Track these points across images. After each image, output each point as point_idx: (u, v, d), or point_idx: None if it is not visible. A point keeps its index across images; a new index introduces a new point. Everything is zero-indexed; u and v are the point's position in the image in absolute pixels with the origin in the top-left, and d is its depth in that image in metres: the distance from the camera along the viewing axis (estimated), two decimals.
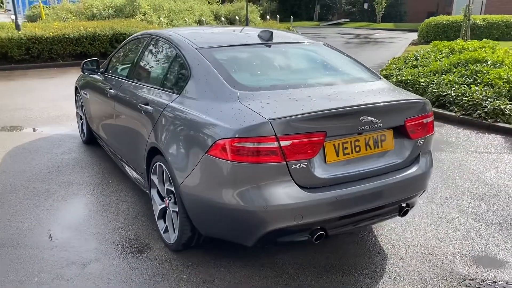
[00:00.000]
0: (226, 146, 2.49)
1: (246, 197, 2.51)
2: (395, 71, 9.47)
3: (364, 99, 2.80)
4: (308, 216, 2.58)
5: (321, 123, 2.54)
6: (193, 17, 19.37)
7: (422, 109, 2.98)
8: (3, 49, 12.17)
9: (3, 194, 4.12)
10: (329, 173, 2.63)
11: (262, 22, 24.93)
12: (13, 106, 7.68)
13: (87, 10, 15.90)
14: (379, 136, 2.82)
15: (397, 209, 2.97)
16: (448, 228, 3.59)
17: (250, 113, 2.53)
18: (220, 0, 26.03)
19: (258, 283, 2.85)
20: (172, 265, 3.04)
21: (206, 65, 3.01)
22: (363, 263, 3.09)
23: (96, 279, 2.87)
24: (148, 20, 15.97)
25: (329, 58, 3.59)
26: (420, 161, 3.03)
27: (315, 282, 2.87)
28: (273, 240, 2.71)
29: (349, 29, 33.05)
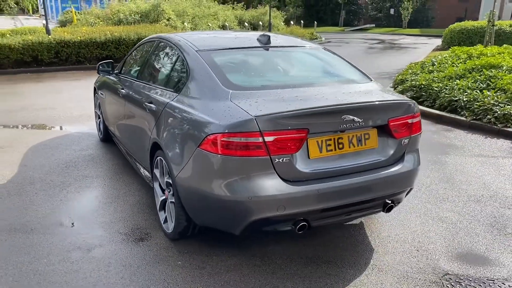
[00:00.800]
0: (215, 140, 2.70)
1: (233, 188, 2.71)
2: (410, 76, 9.51)
3: (348, 99, 2.96)
4: (290, 207, 2.76)
5: (304, 121, 2.72)
6: (216, 22, 19.74)
7: (406, 109, 3.12)
8: (34, 52, 12.76)
9: (23, 185, 4.45)
10: (311, 168, 2.81)
11: (286, 27, 25.13)
12: (39, 106, 8.11)
13: (114, 16, 16.48)
14: (363, 134, 2.98)
15: (381, 205, 3.12)
16: (439, 227, 3.69)
17: (238, 111, 2.74)
18: (244, 6, 26.36)
19: (246, 271, 3.04)
20: (169, 252, 3.26)
21: (203, 66, 3.24)
22: (349, 256, 3.24)
23: (98, 262, 3.12)
24: (172, 25, 16.41)
25: (324, 61, 3.76)
26: (405, 159, 3.16)
27: (300, 272, 3.04)
28: (258, 229, 2.90)
29: (374, 34, 32.91)
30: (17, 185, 4.44)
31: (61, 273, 2.99)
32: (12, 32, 14.18)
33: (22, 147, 5.65)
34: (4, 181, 4.55)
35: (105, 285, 2.87)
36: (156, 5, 16.89)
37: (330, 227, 3.62)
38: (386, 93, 3.30)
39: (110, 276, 2.96)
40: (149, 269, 3.05)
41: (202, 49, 3.47)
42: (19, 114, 7.54)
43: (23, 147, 5.65)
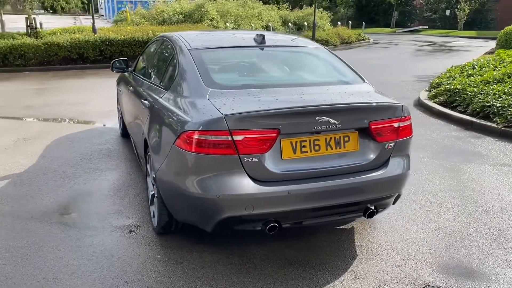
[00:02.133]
0: (187, 138, 2.74)
1: (203, 186, 2.74)
2: (447, 79, 9.13)
3: (326, 100, 2.90)
4: (259, 207, 2.74)
5: (275, 121, 2.70)
6: (260, 23, 19.83)
7: (392, 113, 3.01)
8: (80, 50, 13.41)
9: (36, 175, 4.70)
10: (283, 169, 2.78)
11: (332, 28, 24.82)
12: (72, 101, 8.52)
13: (159, 16, 16.98)
14: (342, 137, 2.90)
15: (361, 210, 3.03)
16: (434, 236, 3.53)
17: (212, 109, 2.76)
18: (290, 6, 26.30)
19: (221, 268, 3.06)
20: (151, 246, 3.33)
21: (191, 64, 3.29)
22: (329, 260, 3.17)
23: (83, 251, 3.24)
24: (214, 25, 16.66)
25: (319, 62, 3.70)
26: (390, 164, 3.05)
27: (274, 273, 3.01)
28: (230, 228, 2.91)
29: (426, 36, 31.79)
30: (31, 175, 4.70)
31: (46, 259, 3.13)
32: (63, 30, 14.98)
33: (47, 140, 5.96)
34: (21, 170, 4.83)
35: (83, 273, 2.98)
36: (200, 5, 17.23)
37: (318, 230, 3.56)
38: (372, 95, 3.19)
39: (90, 265, 3.07)
40: (128, 261, 3.14)
41: (194, 47, 3.52)
42: (54, 108, 7.96)
43: (48, 140, 5.96)
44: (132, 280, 2.92)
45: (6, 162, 5.06)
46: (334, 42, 21.53)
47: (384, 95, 3.29)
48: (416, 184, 4.57)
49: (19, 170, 4.84)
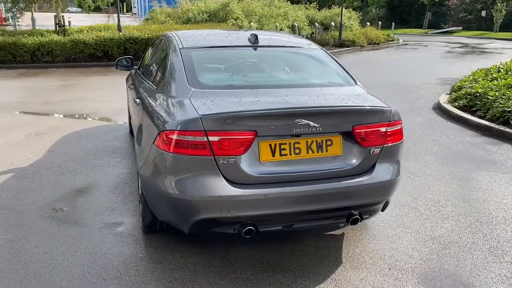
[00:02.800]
0: (165, 137, 2.72)
1: (179, 186, 2.71)
2: (470, 83, 8.82)
3: (308, 102, 2.83)
4: (234, 210, 2.70)
5: (251, 122, 2.64)
6: (286, 23, 19.72)
7: (378, 117, 2.91)
8: (105, 48, 13.67)
9: (40, 169, 4.80)
10: (261, 172, 2.72)
11: (360, 28, 24.42)
12: (91, 98, 8.68)
13: (184, 15, 17.13)
14: (324, 140, 2.82)
15: (344, 216, 2.94)
16: (427, 246, 3.40)
17: (190, 109, 2.73)
18: (318, 6, 26.05)
19: (200, 270, 3.03)
20: (136, 244, 3.34)
21: (179, 64, 3.27)
22: (311, 267, 3.09)
23: (68, 246, 3.28)
24: (238, 24, 16.67)
25: (312, 63, 3.62)
26: (376, 170, 2.95)
27: (253, 277, 2.96)
28: (206, 230, 2.87)
29: (460, 37, 30.91)
30: (35, 169, 4.80)
31: (31, 253, 3.18)
32: (90, 28, 15.31)
33: (58, 135, 6.09)
34: (26, 164, 4.94)
35: (63, 269, 3.01)
36: (225, 4, 17.27)
37: (306, 235, 3.48)
38: (360, 98, 3.09)
39: (72, 261, 3.10)
40: (111, 258, 3.15)
41: (186, 46, 3.50)
42: (71, 104, 8.13)
43: (58, 135, 6.09)
44: (110, 278, 2.93)
45: (14, 156, 5.20)
46: (361, 43, 21.19)
47: (376, 98, 3.18)
48: (418, 191, 4.42)
49: (25, 164, 4.95)
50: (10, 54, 12.95)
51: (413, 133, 6.56)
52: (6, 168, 4.82)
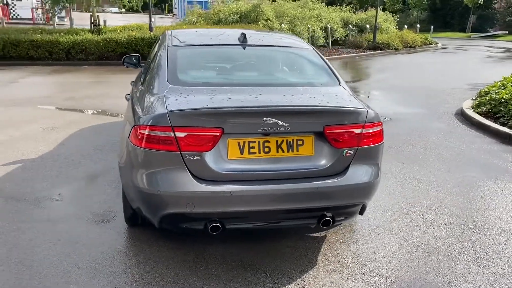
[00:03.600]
0: (136, 132, 2.78)
1: (147, 181, 2.76)
2: (497, 88, 8.47)
3: (280, 101, 2.81)
4: (200, 206, 2.72)
5: (218, 119, 2.66)
6: (319, 24, 19.57)
7: (351, 118, 2.85)
8: (136, 47, 14.03)
9: (47, 161, 5.00)
10: (228, 169, 2.73)
11: (397, 31, 23.89)
12: (113, 95, 8.94)
13: (215, 16, 17.32)
14: (295, 140, 2.80)
15: (315, 217, 2.90)
16: (409, 253, 3.30)
17: (161, 105, 2.78)
18: (354, 8, 25.68)
19: (172, 265, 3.07)
20: (117, 237, 3.42)
21: (164, 61, 3.33)
22: (283, 267, 3.07)
23: (53, 235, 3.40)
24: (269, 26, 16.70)
25: (297, 63, 3.60)
26: (349, 172, 2.89)
27: (222, 274, 2.97)
28: (175, 225, 2.91)
29: (503, 42, 29.73)
30: (42, 160, 5.00)
31: (18, 240, 3.32)
32: (123, 28, 15.76)
33: (73, 129, 6.31)
34: (35, 156, 5.16)
35: (44, 256, 3.12)
36: (256, 5, 17.34)
37: (287, 235, 3.46)
38: (337, 99, 3.03)
39: (54, 249, 3.21)
40: (89, 248, 3.24)
41: (174, 44, 3.56)
42: (93, 100, 8.41)
43: (73, 129, 6.31)
44: (85, 267, 3.02)
45: (27, 148, 5.43)
46: (396, 46, 20.73)
47: (356, 99, 3.11)
48: (416, 197, 4.29)
49: (35, 155, 5.17)
50: (47, 52, 13.52)
51: (427, 138, 6.37)
52: (17, 158, 5.04)
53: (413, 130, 6.78)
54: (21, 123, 6.60)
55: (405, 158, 5.46)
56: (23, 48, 13.28)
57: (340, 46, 20.68)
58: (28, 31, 14.08)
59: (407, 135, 6.48)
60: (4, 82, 10.36)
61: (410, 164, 5.24)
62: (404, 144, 6.03)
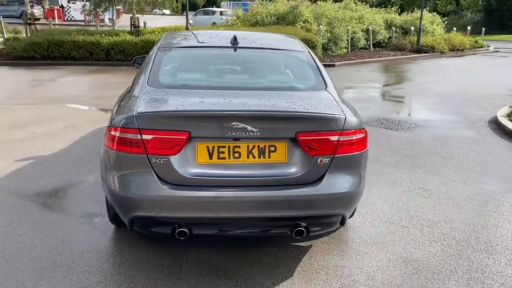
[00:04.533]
0: (107, 133, 2.79)
1: (117, 183, 2.76)
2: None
3: (252, 106, 2.72)
4: (166, 210, 2.68)
5: (184, 123, 2.61)
6: (360, 26, 19.14)
7: (326, 125, 2.71)
8: None
9: (58, 158, 5.15)
10: (196, 173, 2.67)
11: (444, 33, 22.97)
12: None
13: (252, 17, 17.33)
14: (267, 146, 2.70)
15: (287, 227, 2.79)
16: (396, 269, 3.11)
17: (132, 107, 2.77)
18: (399, 10, 24.94)
19: (147, 267, 3.05)
20: (101, 237, 3.45)
21: (150, 62, 3.33)
22: (258, 276, 2.97)
23: (43, 231, 3.48)
24: (307, 27, 16.51)
25: (286, 66, 3.49)
26: (325, 181, 2.75)
27: (193, 280, 2.92)
28: (145, 228, 2.88)
29: None
30: (54, 157, 5.16)
31: (7, 234, 3.43)
32: (162, 29, 16.09)
33: (93, 128, 6.49)
34: (49, 153, 5.33)
35: (27, 251, 3.20)
36: (294, 7, 17.19)
37: (270, 243, 3.36)
38: (315, 105, 2.89)
39: (38, 245, 3.29)
40: (73, 247, 3.29)
41: (165, 46, 3.55)
42: None
43: (93, 128, 6.48)
44: (62, 265, 3.06)
45: (43, 145, 5.62)
46: (441, 49, 19.92)
47: (340, 105, 2.95)
48: (419, 209, 4.06)
49: (48, 152, 5.34)
50: (87, 52, 14.04)
51: (450, 147, 6.03)
52: (31, 155, 5.23)
53: (437, 138, 6.45)
54: (46, 121, 6.86)
55: (419, 167, 5.19)
56: (66, 48, 13.86)
57: (382, 49, 20.13)
58: (71, 32, 14.67)
59: (429, 143, 6.17)
60: (43, 80, 10.85)
61: (424, 173, 4.98)
62: (423, 153, 5.74)
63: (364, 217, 3.85)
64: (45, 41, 13.74)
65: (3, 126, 6.43)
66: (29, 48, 13.67)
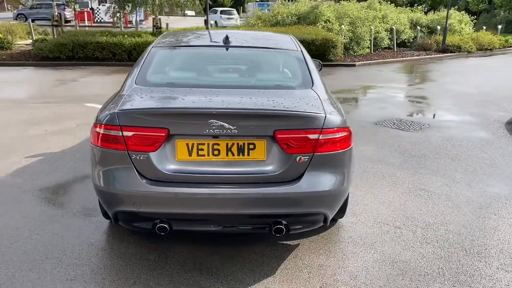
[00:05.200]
0: (92, 130, 2.87)
1: (101, 178, 2.84)
2: None
3: (232, 103, 2.75)
4: (146, 206, 2.74)
5: (162, 120, 2.66)
6: (384, 26, 18.87)
7: (305, 123, 2.71)
8: None
9: (66, 155, 5.31)
10: (175, 170, 2.72)
11: (472, 32, 22.38)
12: None
13: (273, 17, 17.33)
14: (247, 143, 2.72)
15: (266, 224, 2.80)
16: (381, 270, 3.07)
17: (116, 104, 2.84)
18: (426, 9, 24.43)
19: (133, 261, 3.12)
20: (94, 231, 3.54)
21: (141, 61, 3.40)
22: (240, 273, 3.00)
23: (39, 225, 3.60)
24: (328, 27, 16.40)
25: (274, 65, 3.52)
26: (304, 179, 2.75)
27: (176, 276, 2.97)
28: (128, 223, 2.95)
29: None
30: (62, 154, 5.32)
31: (6, 227, 3.56)
32: (183, 30, 16.29)
33: None
34: (59, 150, 5.50)
35: (22, 243, 3.32)
36: (315, 7, 17.09)
37: (256, 241, 3.37)
38: (296, 103, 2.88)
39: (34, 238, 3.41)
40: (65, 240, 3.39)
41: (159, 45, 3.62)
42: None
43: None
44: (53, 257, 3.16)
45: (55, 141, 5.81)
46: (468, 48, 19.42)
47: (323, 103, 2.93)
48: (416, 210, 3.99)
49: (58, 149, 5.51)
50: (110, 53, 14.38)
51: (460, 148, 5.89)
52: (41, 152, 5.41)
53: (448, 139, 6.31)
54: (61, 119, 7.07)
55: (424, 168, 5.09)
56: (89, 49, 14.23)
57: (407, 48, 19.78)
58: (95, 33, 15.04)
59: (439, 144, 6.04)
60: (65, 80, 11.18)
61: (428, 174, 4.88)
62: (431, 153, 5.63)
63: (357, 217, 3.82)
64: (70, 42, 14.15)
65: (19, 124, 6.67)
66: (55, 49, 14.10)
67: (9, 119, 7.01)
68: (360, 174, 4.80)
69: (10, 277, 2.93)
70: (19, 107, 7.86)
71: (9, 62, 14.03)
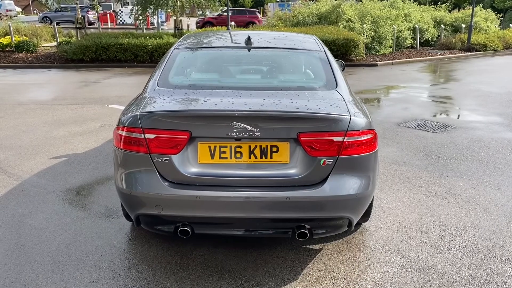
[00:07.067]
0: (115, 132, 2.87)
1: (123, 181, 2.83)
2: None
3: (254, 106, 2.70)
4: (168, 208, 2.72)
5: (185, 122, 2.63)
6: (407, 24, 18.57)
7: (329, 125, 2.64)
8: None
9: (89, 156, 5.35)
10: (197, 173, 2.69)
11: (498, 30, 21.83)
12: None
13: (294, 18, 17.23)
14: (269, 146, 2.67)
15: (289, 228, 2.75)
16: (407, 277, 2.98)
17: (138, 107, 2.83)
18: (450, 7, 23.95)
19: (155, 264, 3.11)
20: (117, 233, 3.55)
21: (163, 63, 3.39)
22: (262, 278, 2.95)
23: (61, 226, 3.63)
24: (350, 27, 16.22)
25: (297, 66, 3.45)
26: (328, 183, 2.68)
27: (197, 279, 2.94)
28: (151, 226, 2.93)
29: None
30: (85, 156, 5.37)
31: (30, 228, 3.60)
32: (204, 31, 16.34)
33: None
34: (81, 151, 5.56)
35: (45, 245, 3.34)
36: (336, 5, 16.92)
37: (279, 245, 3.32)
38: (320, 104, 2.81)
39: (57, 238, 3.43)
40: (87, 242, 3.41)
41: (181, 46, 3.60)
42: None
43: None
44: (76, 259, 3.17)
45: (77, 143, 5.87)
46: (494, 47, 18.96)
47: (348, 105, 2.85)
48: (443, 215, 3.87)
49: (81, 151, 5.57)
50: (132, 54, 14.54)
51: (489, 150, 5.72)
52: (64, 153, 5.48)
53: (476, 140, 6.13)
54: (85, 120, 7.15)
55: (451, 170, 4.95)
56: (112, 51, 14.42)
57: (430, 47, 19.42)
58: (118, 35, 15.22)
59: (466, 146, 5.88)
60: (88, 82, 11.33)
61: (454, 177, 4.75)
62: (458, 155, 5.48)
63: (382, 221, 3.73)
64: (93, 44, 14.35)
65: (44, 126, 6.77)
66: (79, 51, 14.33)
67: (34, 120, 7.13)
68: (385, 177, 4.70)
69: (34, 279, 2.94)
70: (44, 109, 7.99)
71: (35, 64, 14.33)
